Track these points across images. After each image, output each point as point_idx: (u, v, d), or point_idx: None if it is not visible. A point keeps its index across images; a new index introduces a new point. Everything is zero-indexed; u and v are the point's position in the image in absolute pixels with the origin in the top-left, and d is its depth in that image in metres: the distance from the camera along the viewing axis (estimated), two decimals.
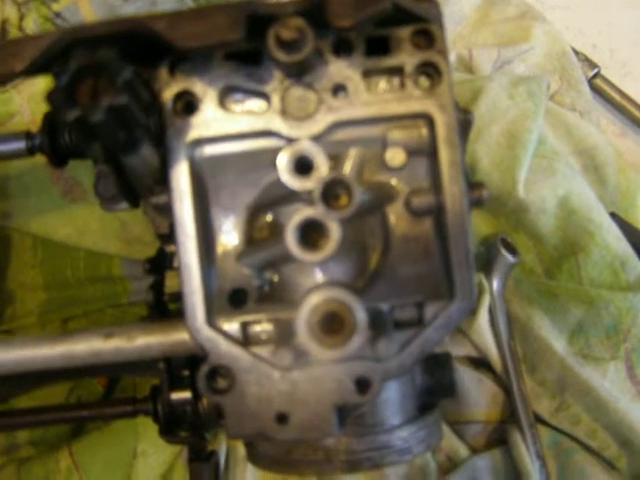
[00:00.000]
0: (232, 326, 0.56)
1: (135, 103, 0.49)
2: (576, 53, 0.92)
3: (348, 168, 0.55)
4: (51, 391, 0.79)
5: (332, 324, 0.52)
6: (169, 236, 0.64)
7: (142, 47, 0.52)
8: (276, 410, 0.55)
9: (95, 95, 0.47)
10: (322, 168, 0.51)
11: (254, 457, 0.64)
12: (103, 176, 0.63)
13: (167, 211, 0.58)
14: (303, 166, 0.51)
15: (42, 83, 0.80)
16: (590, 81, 0.93)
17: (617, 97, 0.95)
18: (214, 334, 0.55)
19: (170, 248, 0.65)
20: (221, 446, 0.76)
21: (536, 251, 0.79)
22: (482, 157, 0.78)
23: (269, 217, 0.58)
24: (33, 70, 0.49)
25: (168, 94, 0.55)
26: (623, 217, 0.83)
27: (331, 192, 0.50)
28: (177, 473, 0.75)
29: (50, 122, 0.66)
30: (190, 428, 0.65)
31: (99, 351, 0.58)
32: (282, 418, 0.56)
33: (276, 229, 0.58)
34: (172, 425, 0.65)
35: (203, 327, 0.55)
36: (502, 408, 0.78)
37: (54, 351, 0.59)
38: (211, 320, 0.55)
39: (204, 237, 0.56)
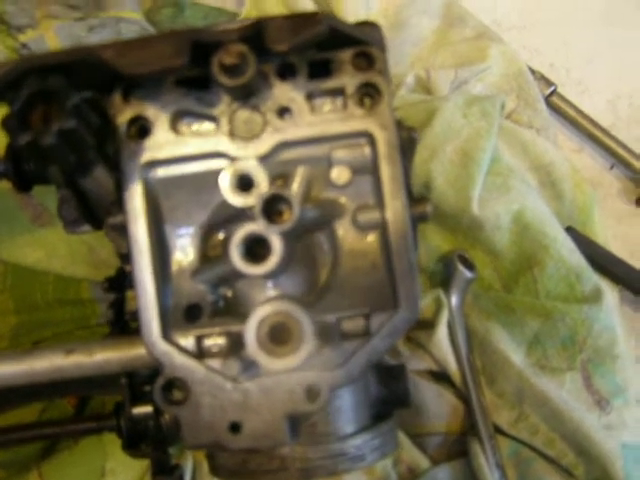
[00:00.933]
0: (187, 340, 0.58)
1: (84, 127, 0.51)
2: (533, 72, 0.95)
3: (295, 186, 0.58)
4: (21, 413, 0.80)
5: (280, 335, 0.54)
6: (127, 256, 0.66)
7: (95, 74, 0.55)
8: (229, 420, 0.57)
9: (46, 120, 0.50)
10: (262, 185, 0.53)
11: (214, 469, 0.65)
12: (65, 200, 0.65)
13: (124, 231, 0.60)
14: (244, 183, 0.54)
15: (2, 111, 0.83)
16: (547, 99, 0.96)
17: (573, 114, 0.98)
18: (169, 348, 0.57)
19: (130, 267, 0.67)
20: (187, 461, 0.77)
21: (493, 266, 0.81)
22: (437, 176, 0.80)
23: (221, 235, 0.60)
24: None
25: (122, 119, 0.57)
26: (580, 231, 0.85)
27: (273, 208, 0.53)
28: None
29: (13, 148, 0.69)
30: (153, 442, 0.66)
31: (60, 367, 0.60)
32: (235, 427, 0.57)
33: (227, 247, 0.60)
34: (135, 440, 0.67)
35: (158, 341, 0.57)
36: (462, 420, 0.79)
37: (17, 368, 0.61)
38: (167, 334, 0.57)
39: (159, 255, 0.58)
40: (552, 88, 0.97)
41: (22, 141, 0.49)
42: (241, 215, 0.58)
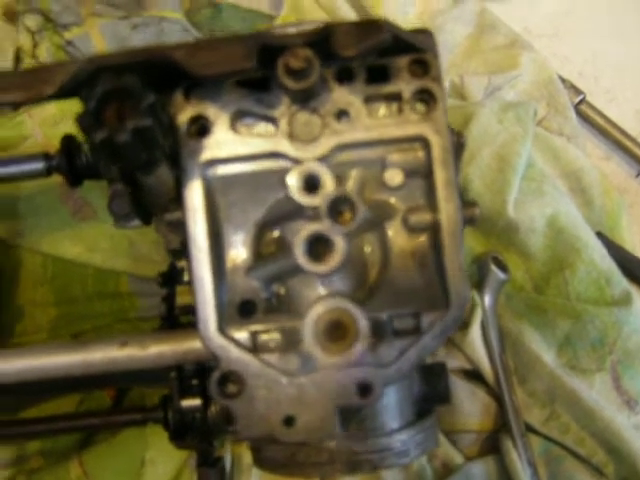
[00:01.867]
0: (242, 335, 0.59)
1: (157, 125, 0.53)
2: (562, 80, 0.97)
3: (350, 187, 0.59)
4: (60, 404, 0.81)
5: (336, 332, 0.56)
6: (180, 252, 0.68)
7: (158, 74, 0.56)
8: (283, 413, 0.59)
9: (120, 118, 0.51)
10: (328, 186, 0.55)
11: (260, 461, 0.67)
12: (117, 195, 0.67)
13: (180, 227, 0.62)
14: (311, 184, 0.55)
15: (53, 108, 0.85)
16: (576, 107, 0.98)
17: (602, 122, 1.00)
18: (225, 342, 0.58)
19: (180, 263, 0.69)
20: (226, 453, 0.79)
21: (525, 268, 0.83)
22: (474, 179, 0.82)
23: (276, 233, 0.62)
24: (62, 94, 0.53)
25: (183, 118, 0.59)
26: (608, 236, 0.87)
27: (336, 208, 0.54)
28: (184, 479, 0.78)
29: (67, 144, 0.70)
30: (199, 435, 0.68)
31: (114, 359, 0.62)
32: (289, 421, 0.59)
33: (282, 244, 0.62)
34: (181, 432, 0.69)
35: (215, 335, 0.58)
36: (494, 418, 0.81)
37: (72, 359, 0.62)
38: (222, 329, 0.59)
39: (215, 252, 0.60)
40: (581, 96, 0.99)
41: (98, 138, 0.50)
42: (295, 214, 0.60)
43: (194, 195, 0.59)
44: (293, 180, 0.55)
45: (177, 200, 0.61)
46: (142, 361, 0.62)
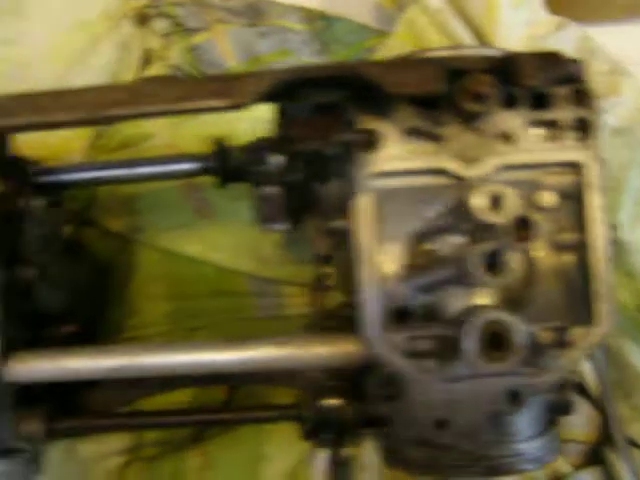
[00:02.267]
0: (399, 340, 0.62)
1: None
2: None
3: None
4: (172, 397, 0.84)
5: (494, 342, 0.59)
6: (327, 258, 0.71)
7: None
8: (436, 416, 0.62)
9: (324, 130, 0.55)
10: (512, 205, 0.58)
11: (395, 461, 0.70)
12: (267, 198, 0.70)
13: (338, 235, 0.65)
14: (495, 203, 0.58)
15: None
16: None
17: None
18: (388, 346, 0.62)
19: (327, 269, 0.72)
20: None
21: (630, 287, 0.87)
22: None
23: (429, 245, 0.65)
24: (261, 100, 0.56)
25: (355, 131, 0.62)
26: None
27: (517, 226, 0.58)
28: (301, 476, 0.81)
29: (221, 147, 0.73)
30: (335, 433, 0.71)
31: (276, 358, 0.65)
32: (442, 424, 0.63)
33: (435, 257, 0.65)
34: (316, 430, 0.72)
35: (379, 339, 0.62)
36: (598, 430, 0.85)
37: (232, 356, 0.65)
38: (383, 334, 0.62)
39: (376, 259, 0.63)
40: None
41: (310, 147, 0.54)
42: (450, 229, 0.64)
43: (363, 205, 0.62)
44: (478, 198, 0.58)
45: (341, 209, 0.64)
46: (300, 361, 0.65)
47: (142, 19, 0.90)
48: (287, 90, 0.57)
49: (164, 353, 0.65)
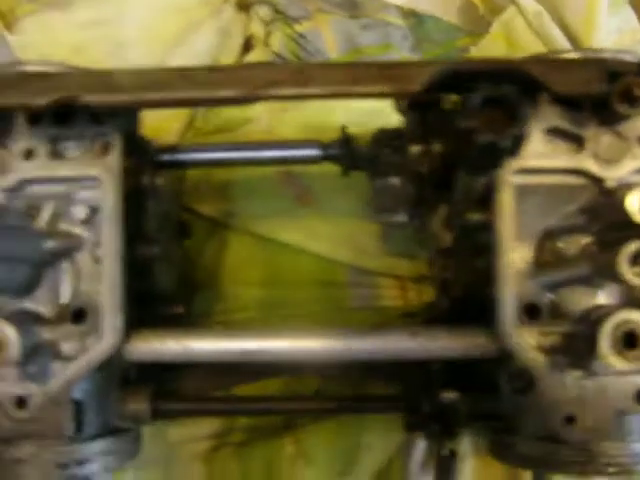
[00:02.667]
0: (531, 336, 0.63)
1: None
2: None
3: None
4: (264, 385, 0.84)
5: (627, 339, 0.60)
6: (449, 250, 0.72)
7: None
8: (566, 413, 0.63)
9: (494, 123, 0.55)
10: None
11: (506, 455, 0.71)
12: (386, 189, 0.71)
13: (473, 229, 0.66)
14: None
15: None
16: None
17: None
18: (520, 340, 0.62)
19: (446, 262, 0.72)
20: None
21: None
22: None
23: (558, 244, 0.66)
24: (427, 88, 0.56)
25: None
26: None
27: None
28: (395, 466, 0.81)
29: (345, 135, 0.74)
30: (444, 426, 0.71)
31: (406, 348, 0.65)
32: (570, 420, 0.63)
33: (562, 255, 0.66)
34: (424, 422, 0.72)
35: (513, 333, 0.62)
36: None
37: (365, 345, 0.65)
38: (517, 328, 0.63)
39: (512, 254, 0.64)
40: None
41: (485, 140, 0.54)
42: (580, 228, 0.64)
43: (505, 200, 0.63)
44: (636, 201, 0.58)
45: (478, 202, 0.65)
46: (430, 352, 0.65)
47: (243, 5, 0.90)
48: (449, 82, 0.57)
49: (293, 339, 0.65)
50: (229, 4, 0.91)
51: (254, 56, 0.89)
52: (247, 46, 0.90)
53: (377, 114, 0.85)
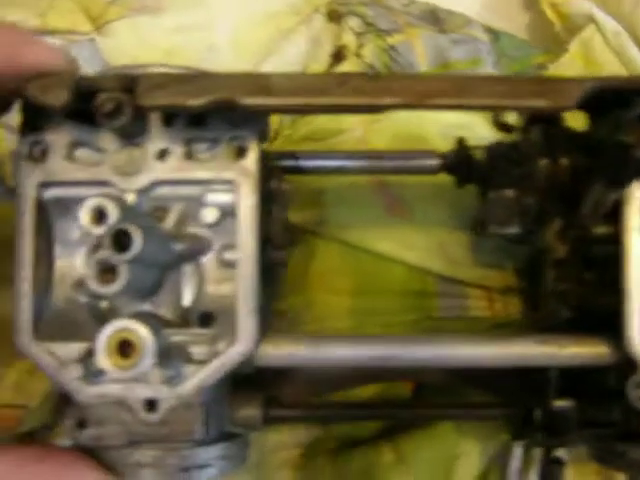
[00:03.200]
0: None
1: None
2: None
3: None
4: (356, 392, 0.84)
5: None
6: (561, 262, 0.73)
7: None
8: None
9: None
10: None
11: (615, 462, 0.72)
12: (502, 202, 0.72)
13: (597, 241, 0.67)
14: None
15: None
16: None
17: None
18: None
19: (560, 273, 0.73)
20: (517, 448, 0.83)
21: None
22: None
23: None
24: (580, 104, 0.57)
25: None
26: None
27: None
28: (493, 475, 0.82)
29: (463, 146, 0.75)
30: (554, 433, 0.73)
31: (532, 356, 0.66)
32: None
33: None
34: (532, 430, 0.73)
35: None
36: None
37: (490, 352, 0.66)
38: None
39: None
40: None
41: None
42: None
43: (633, 212, 0.64)
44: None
45: (604, 215, 0.66)
46: (556, 360, 0.66)
47: (334, 16, 0.91)
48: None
49: (429, 345, 0.65)
50: (319, 13, 0.92)
51: (346, 66, 0.90)
52: (337, 56, 0.91)
53: (462, 127, 0.87)
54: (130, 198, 0.64)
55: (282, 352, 0.65)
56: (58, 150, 0.64)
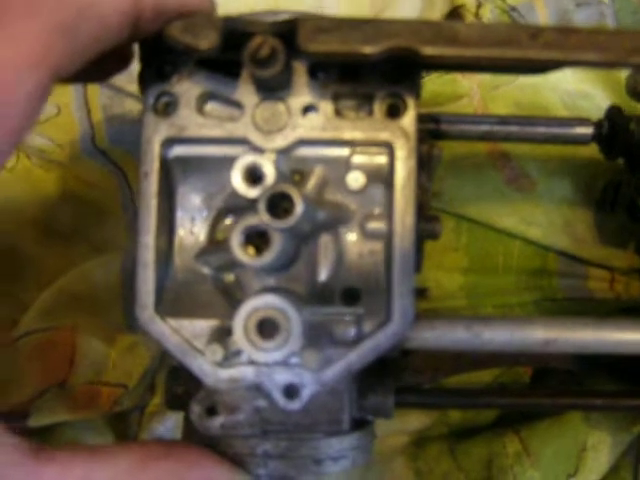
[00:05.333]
0: None
1: None
2: None
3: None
4: (473, 376, 0.79)
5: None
6: None
7: None
8: None
9: None
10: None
11: None
12: None
13: None
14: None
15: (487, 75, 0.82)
16: None
17: None
18: None
19: None
20: None
21: None
22: None
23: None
24: None
25: None
26: None
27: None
28: (624, 470, 0.77)
29: (615, 114, 0.68)
30: None
31: None
32: None
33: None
34: None
35: None
36: None
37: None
38: None
39: None
40: None
41: None
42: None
43: None
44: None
45: None
46: None
47: None
48: None
49: (593, 329, 0.59)
50: None
51: None
52: (453, 16, 0.84)
53: (584, 96, 0.81)
54: (271, 159, 0.57)
55: (438, 334, 0.59)
56: (188, 103, 0.56)
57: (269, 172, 0.50)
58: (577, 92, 0.81)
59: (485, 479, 0.76)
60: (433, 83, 0.81)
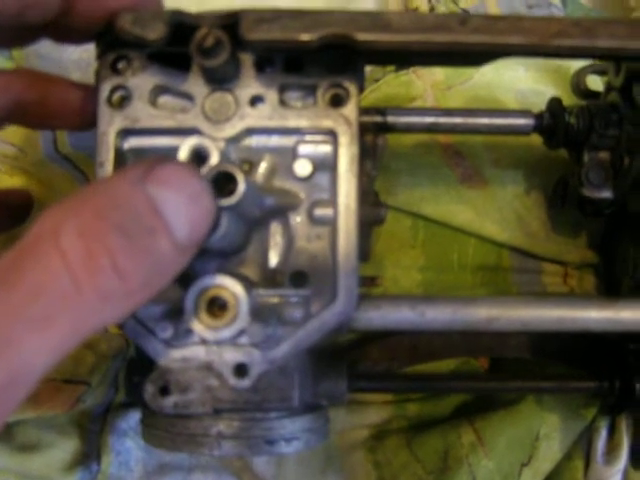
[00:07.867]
0: None
1: None
2: None
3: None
4: (429, 368, 0.80)
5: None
6: None
7: None
8: None
9: None
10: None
11: None
12: (598, 165, 0.68)
13: None
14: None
15: (442, 74, 0.85)
16: None
17: None
18: None
19: None
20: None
21: None
22: None
23: None
24: None
25: None
26: None
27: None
28: (577, 457, 0.78)
29: (555, 106, 0.71)
30: None
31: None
32: None
33: None
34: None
35: None
36: None
37: (601, 315, 0.62)
38: None
39: None
40: None
41: None
42: None
43: None
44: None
45: None
46: None
47: None
48: None
49: (536, 307, 0.61)
50: None
51: None
52: None
53: (537, 94, 0.84)
54: (219, 147, 0.59)
55: (383, 314, 0.61)
56: (142, 96, 0.59)
57: (213, 153, 0.53)
58: (531, 90, 0.84)
59: (441, 469, 0.76)
60: (388, 85, 0.84)
